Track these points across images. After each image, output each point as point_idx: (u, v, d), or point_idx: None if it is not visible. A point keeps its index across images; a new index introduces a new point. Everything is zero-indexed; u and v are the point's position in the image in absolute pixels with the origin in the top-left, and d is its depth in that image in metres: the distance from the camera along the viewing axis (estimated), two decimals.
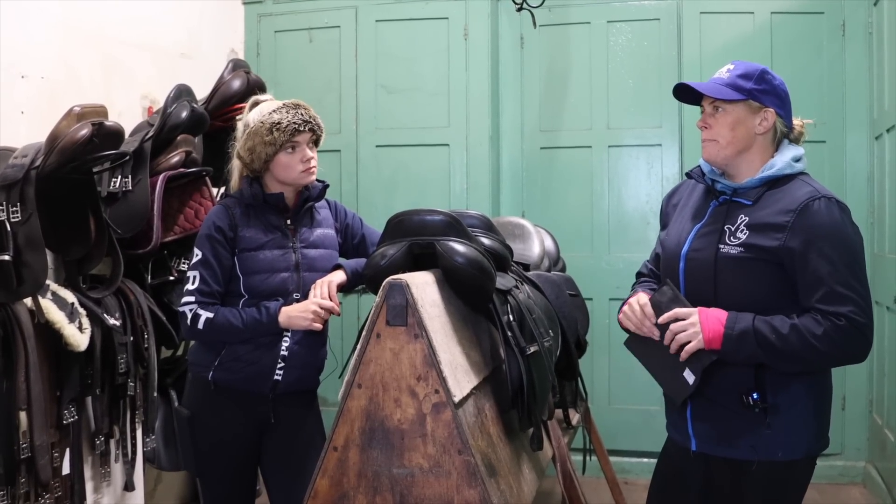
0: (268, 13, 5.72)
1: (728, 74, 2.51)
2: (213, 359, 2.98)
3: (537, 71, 5.51)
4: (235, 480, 3.09)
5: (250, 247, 2.98)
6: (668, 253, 2.64)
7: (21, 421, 3.21)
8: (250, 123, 3.01)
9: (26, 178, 3.26)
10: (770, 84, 2.48)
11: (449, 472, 2.34)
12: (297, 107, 3.02)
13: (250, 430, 3.04)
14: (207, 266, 2.95)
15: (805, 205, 2.35)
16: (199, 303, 2.93)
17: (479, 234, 2.92)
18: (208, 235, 2.97)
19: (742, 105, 2.48)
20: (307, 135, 3.01)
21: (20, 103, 3.83)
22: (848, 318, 2.27)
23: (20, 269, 3.19)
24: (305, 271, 3.03)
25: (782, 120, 2.50)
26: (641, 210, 5.36)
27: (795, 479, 2.48)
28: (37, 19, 3.94)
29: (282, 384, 2.99)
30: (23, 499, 3.26)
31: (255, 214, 3.03)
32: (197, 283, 2.94)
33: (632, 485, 5.07)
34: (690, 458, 2.58)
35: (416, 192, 5.39)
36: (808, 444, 2.43)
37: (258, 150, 2.97)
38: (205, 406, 3.03)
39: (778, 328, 2.30)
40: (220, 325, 2.91)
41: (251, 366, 2.96)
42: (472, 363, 2.63)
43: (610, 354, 5.33)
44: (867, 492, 4.92)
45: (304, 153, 3.00)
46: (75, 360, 3.46)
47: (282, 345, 2.98)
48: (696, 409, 2.54)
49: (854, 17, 5.02)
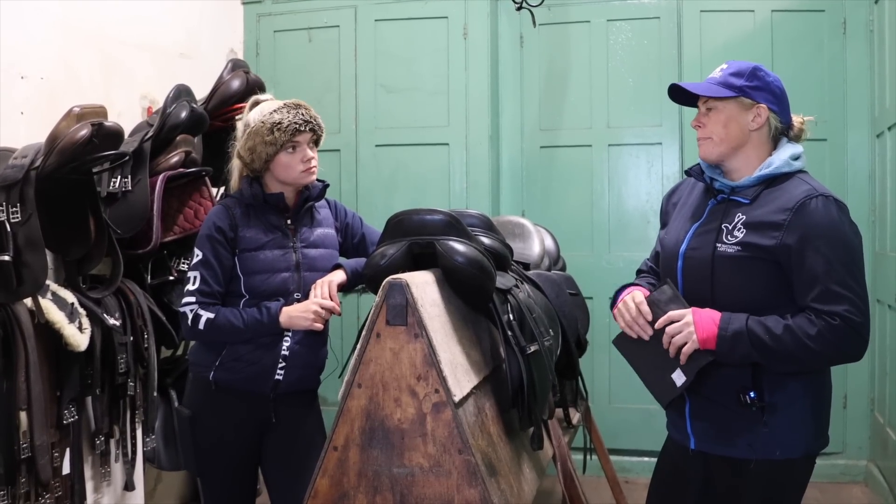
0: (267, 13, 5.73)
1: (721, 73, 2.53)
2: (214, 359, 2.98)
3: (537, 70, 5.52)
4: (236, 480, 3.10)
5: (251, 247, 2.98)
6: (667, 251, 2.65)
7: (21, 421, 3.21)
8: (251, 123, 3.00)
9: (26, 178, 3.26)
10: (762, 80, 2.49)
11: (449, 472, 2.35)
12: (297, 107, 3.02)
13: (251, 430, 3.04)
14: (208, 266, 2.95)
15: (802, 203, 2.35)
16: (199, 303, 2.93)
17: (479, 233, 2.92)
18: (208, 236, 2.97)
19: (734, 102, 2.48)
20: (308, 135, 3.01)
21: (20, 104, 3.83)
22: (843, 317, 2.27)
23: (20, 269, 3.19)
24: (306, 271, 3.03)
25: (777, 116, 2.50)
26: (642, 209, 5.36)
27: (794, 477, 2.49)
28: (36, 20, 3.94)
29: (283, 384, 2.99)
30: (23, 498, 3.26)
31: (256, 214, 3.03)
32: (197, 283, 2.94)
33: (632, 484, 5.07)
34: (689, 456, 2.58)
35: (416, 192, 5.39)
36: (806, 443, 2.44)
37: (259, 149, 2.97)
38: (206, 406, 3.03)
39: (771, 328, 2.31)
40: (221, 326, 2.91)
41: (252, 366, 2.96)
42: (473, 362, 2.63)
43: (610, 353, 5.31)
44: (869, 491, 4.92)
45: (304, 153, 3.00)
46: (75, 360, 3.46)
47: (283, 345, 2.98)
48: (694, 408, 2.55)
49: (855, 15, 5.02)
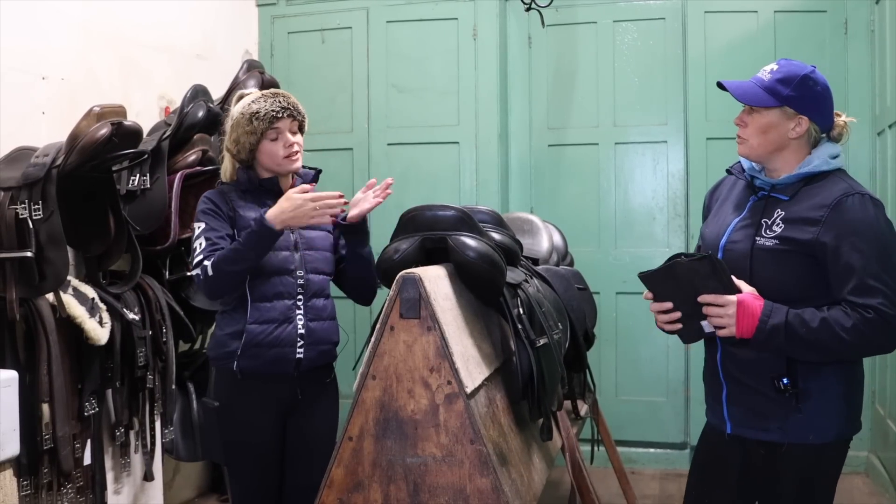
0: (281, 15, 5.79)
1: (769, 76, 2.50)
2: (235, 349, 2.98)
3: (545, 70, 5.57)
4: (265, 468, 3.09)
5: (249, 226, 2.97)
6: (708, 244, 2.68)
7: (44, 413, 3.27)
8: (234, 115, 3.05)
9: (48, 176, 3.32)
10: (810, 91, 2.47)
11: (461, 461, 2.38)
12: (275, 95, 3.06)
13: (277, 414, 3.06)
14: (210, 230, 2.97)
15: (839, 201, 2.39)
16: (206, 257, 2.92)
17: (490, 229, 2.95)
18: (206, 209, 3.01)
19: (777, 110, 2.48)
20: (287, 121, 3.03)
21: (41, 104, 3.91)
22: (877, 310, 2.31)
23: (42, 265, 3.26)
24: (305, 249, 3.06)
25: (817, 126, 2.50)
26: (647, 206, 5.42)
27: (828, 461, 2.53)
28: (57, 23, 4.02)
29: (304, 361, 3.01)
30: (45, 488, 3.32)
31: (252, 199, 3.06)
32: (203, 245, 2.95)
33: (638, 474, 5.14)
34: (727, 441, 2.61)
35: (427, 189, 5.43)
36: (838, 427, 2.48)
37: (242, 140, 3.01)
38: (233, 396, 3.04)
39: (808, 321, 2.35)
40: (223, 259, 2.88)
41: (273, 348, 2.97)
42: (484, 355, 2.67)
43: (617, 347, 5.40)
44: (870, 481, 4.96)
45: (286, 139, 3.03)
46: (96, 354, 3.52)
47: (297, 323, 3.00)
48: (731, 394, 2.59)
49: (856, 15, 5.06)
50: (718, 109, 5.10)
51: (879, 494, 4.76)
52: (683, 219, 5.34)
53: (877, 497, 4.75)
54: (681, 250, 5.25)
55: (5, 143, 3.62)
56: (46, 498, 3.34)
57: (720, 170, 2.89)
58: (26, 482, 3.25)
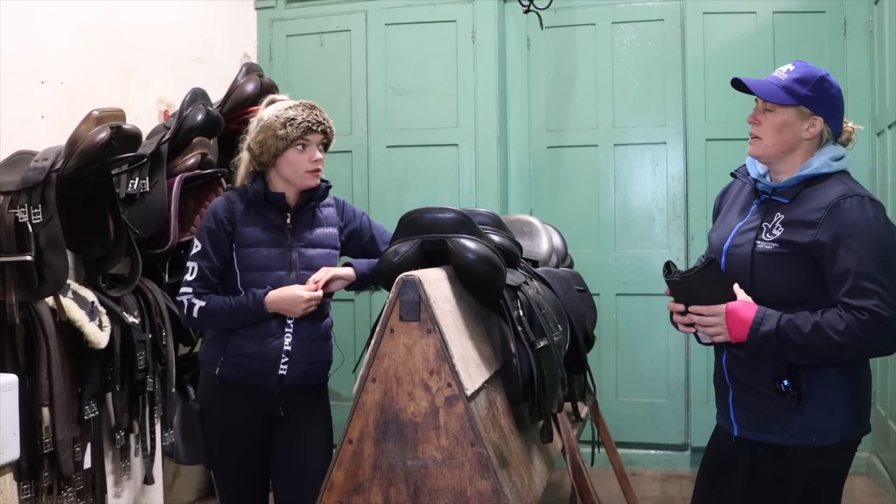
0: (280, 18, 5.80)
1: (786, 76, 2.52)
2: (219, 355, 3.03)
3: (544, 71, 5.57)
4: (247, 473, 3.13)
5: (248, 243, 3.02)
6: (713, 248, 2.71)
7: (44, 416, 3.28)
8: (265, 118, 3.04)
9: (47, 180, 3.32)
10: (826, 93, 2.50)
11: (462, 464, 2.37)
12: (312, 108, 3.07)
13: (258, 424, 3.08)
14: (205, 258, 3.00)
15: (836, 203, 2.40)
16: (195, 293, 2.99)
17: (489, 231, 2.94)
18: (208, 228, 3.02)
19: (793, 109, 2.50)
20: (319, 136, 3.05)
21: (40, 108, 3.91)
22: (871, 311, 2.31)
23: (42, 268, 3.26)
24: (303, 270, 3.06)
25: (830, 128, 2.52)
26: (647, 207, 5.42)
27: (833, 463, 2.53)
28: (56, 27, 4.02)
29: (287, 378, 3.02)
30: (46, 492, 3.32)
31: (256, 211, 3.06)
32: (195, 273, 3.00)
33: (639, 476, 5.14)
34: (734, 443, 2.63)
35: (426, 192, 5.44)
36: (842, 429, 2.48)
37: (269, 143, 3.00)
38: (213, 400, 3.10)
39: (800, 327, 2.35)
40: (212, 312, 2.97)
41: (255, 361, 3.00)
42: (484, 357, 2.66)
43: (617, 349, 5.39)
44: (871, 482, 4.96)
45: (313, 153, 3.03)
46: (96, 358, 3.53)
47: (284, 340, 3.01)
48: (737, 396, 2.61)
49: (855, 16, 5.07)
50: (717, 111, 5.11)
51: (881, 495, 4.76)
52: (683, 220, 5.34)
53: (878, 498, 4.74)
54: (680, 251, 5.29)
55: (5, 147, 3.62)
56: (46, 501, 3.34)
57: (719, 171, 2.90)
58: (26, 486, 3.25)
